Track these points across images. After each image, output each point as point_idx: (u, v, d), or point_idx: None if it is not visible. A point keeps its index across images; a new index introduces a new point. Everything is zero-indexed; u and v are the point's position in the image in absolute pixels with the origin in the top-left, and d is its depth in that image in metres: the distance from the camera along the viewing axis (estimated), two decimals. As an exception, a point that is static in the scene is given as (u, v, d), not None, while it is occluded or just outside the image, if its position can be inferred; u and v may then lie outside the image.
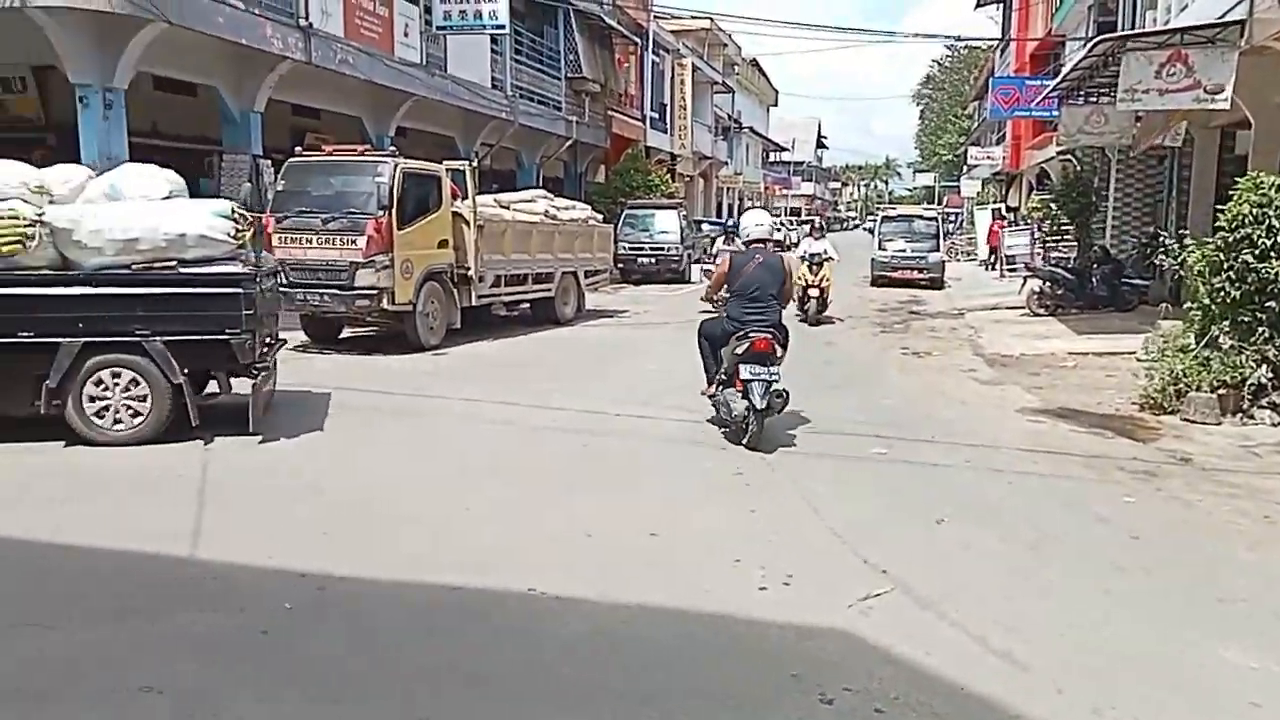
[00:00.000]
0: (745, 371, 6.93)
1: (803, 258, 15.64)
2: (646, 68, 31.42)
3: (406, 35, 16.87)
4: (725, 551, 4.82)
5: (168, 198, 7.18)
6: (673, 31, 35.32)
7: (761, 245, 7.69)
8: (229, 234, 6.88)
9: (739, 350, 6.99)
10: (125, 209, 6.92)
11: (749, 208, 22.74)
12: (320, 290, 11.21)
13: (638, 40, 30.47)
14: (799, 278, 13.01)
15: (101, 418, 6.74)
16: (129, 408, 6.76)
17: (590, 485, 6.09)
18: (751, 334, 7.00)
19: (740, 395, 6.97)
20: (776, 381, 6.97)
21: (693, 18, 35.71)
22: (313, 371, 10.18)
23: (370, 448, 7.07)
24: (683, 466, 6.56)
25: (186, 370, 6.79)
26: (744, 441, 6.92)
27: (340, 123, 17.70)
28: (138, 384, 6.73)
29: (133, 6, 10.82)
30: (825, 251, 15.77)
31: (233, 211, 7.00)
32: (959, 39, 60.45)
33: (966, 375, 10.74)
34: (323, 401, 8.38)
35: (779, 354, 7.15)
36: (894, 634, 3.89)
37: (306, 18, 13.80)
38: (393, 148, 12.05)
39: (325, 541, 4.91)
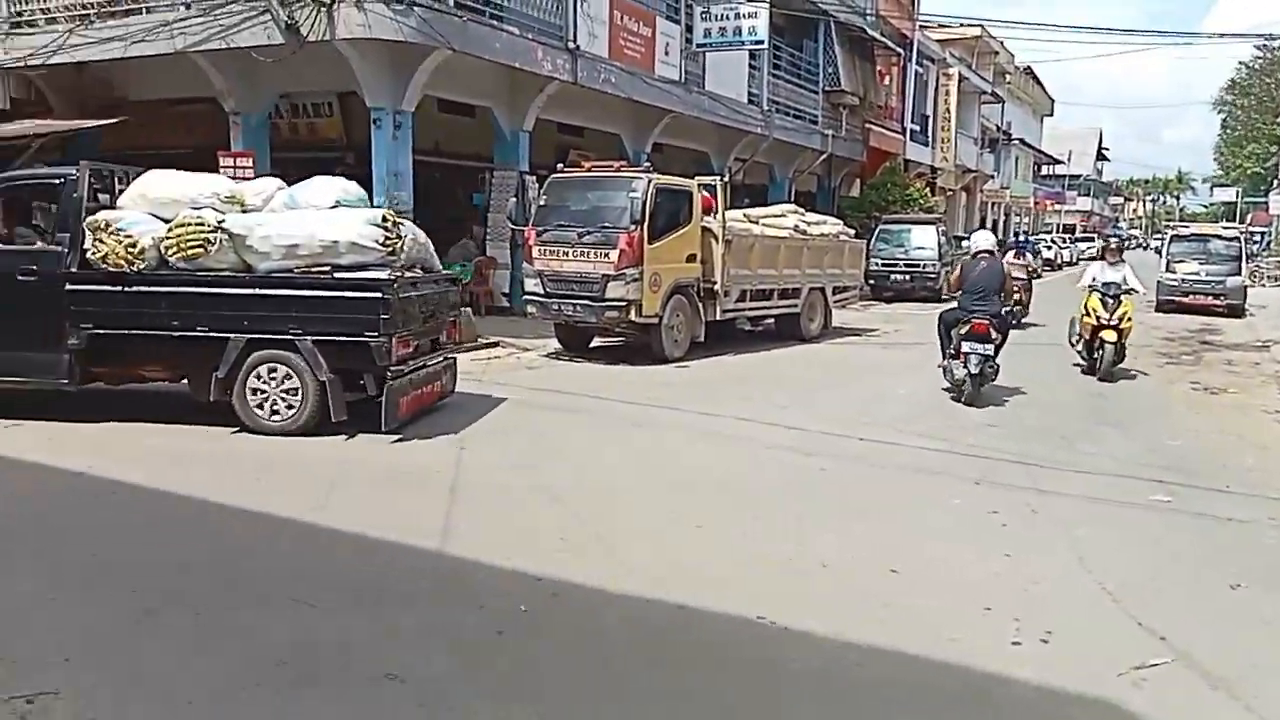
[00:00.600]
0: (965, 346, 9.34)
1: (1091, 287, 11.56)
2: (909, 79, 30.37)
3: (667, 54, 17.27)
4: (974, 597, 4.43)
5: (334, 206, 7.57)
6: (939, 40, 33.93)
7: (987, 254, 9.96)
8: (378, 242, 7.15)
9: (963, 331, 9.42)
10: (290, 217, 7.45)
11: (977, 229, 21.24)
12: (573, 301, 11.65)
13: (900, 51, 29.52)
14: (1088, 315, 11.42)
15: (261, 408, 7.33)
16: (285, 400, 7.30)
17: (827, 512, 5.84)
18: (974, 319, 9.34)
19: (961, 365, 9.38)
20: (991, 358, 9.32)
21: (961, 25, 34.14)
22: (560, 377, 10.58)
23: (607, 456, 7.21)
24: (929, 499, 6.15)
25: (334, 368, 7.20)
26: (963, 399, 9.33)
27: (601, 140, 18.41)
28: (290, 379, 7.25)
29: (422, 36, 11.78)
30: (1124, 281, 11.56)
31: (384, 220, 7.28)
32: (1271, 37, 53.60)
33: (1271, 417, 9.39)
34: (556, 406, 8.66)
35: (994, 336, 9.37)
36: (1173, 714, 3.38)
37: (575, 40, 14.46)
38: (648, 163, 12.31)
39: (561, 548, 5.00)
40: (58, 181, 7.82)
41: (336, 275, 7.20)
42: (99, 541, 4.95)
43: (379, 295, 7.05)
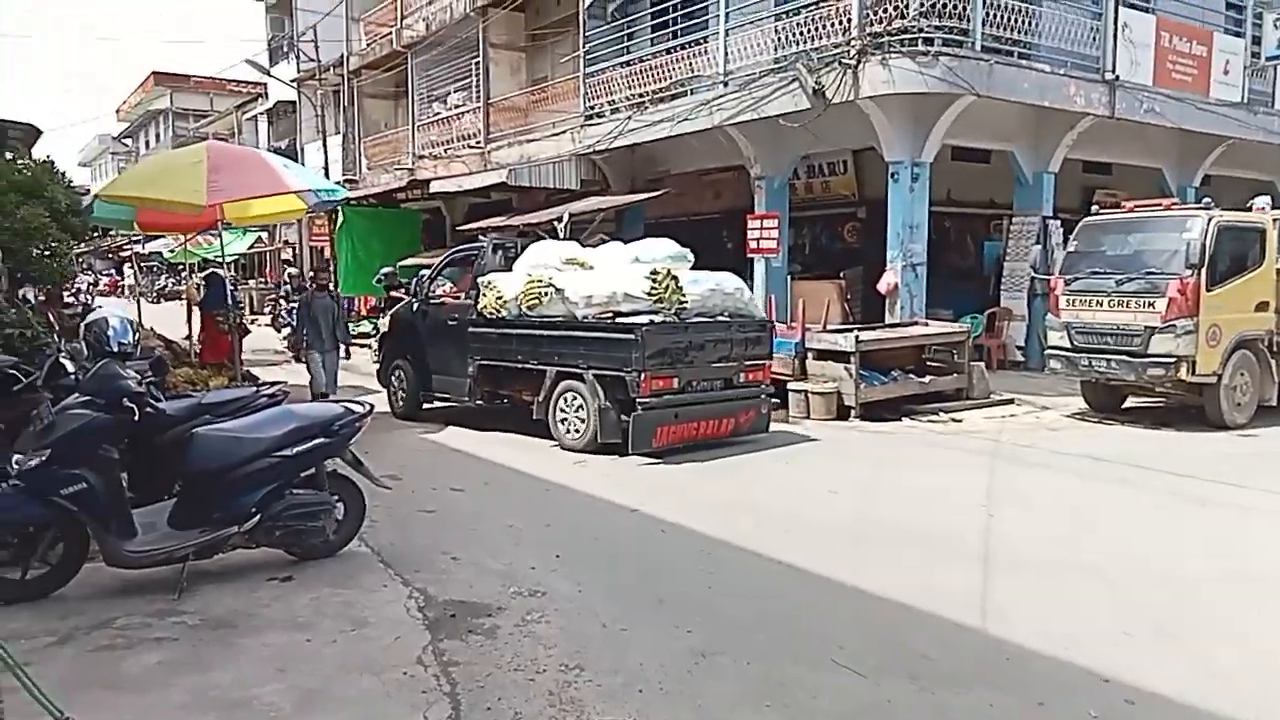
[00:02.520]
0: None
1: None
2: None
3: (1226, 73, 15.02)
4: None
5: (634, 262, 9.10)
6: None
7: None
8: (646, 292, 8.54)
9: None
10: (593, 274, 9.20)
11: None
12: (1107, 356, 10.46)
13: None
14: None
15: (564, 426, 9.07)
16: (578, 421, 8.91)
17: None
18: None
19: None
20: None
21: None
22: (1088, 441, 9.54)
23: (1159, 536, 6.25)
24: None
25: (608, 398, 8.59)
26: None
27: (1133, 175, 16.53)
28: (580, 404, 8.86)
29: (946, 85, 11.60)
30: None
31: (654, 274, 8.58)
32: None
33: None
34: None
35: None
36: None
37: (1114, 70, 13.21)
38: (1207, 200, 10.69)
39: (1124, 642, 4.39)
40: (475, 253, 10.89)
41: (614, 320, 8.66)
42: (657, 574, 5.42)
43: (631, 337, 8.40)
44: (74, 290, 25.10)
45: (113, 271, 42.53)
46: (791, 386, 11.35)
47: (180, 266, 30.53)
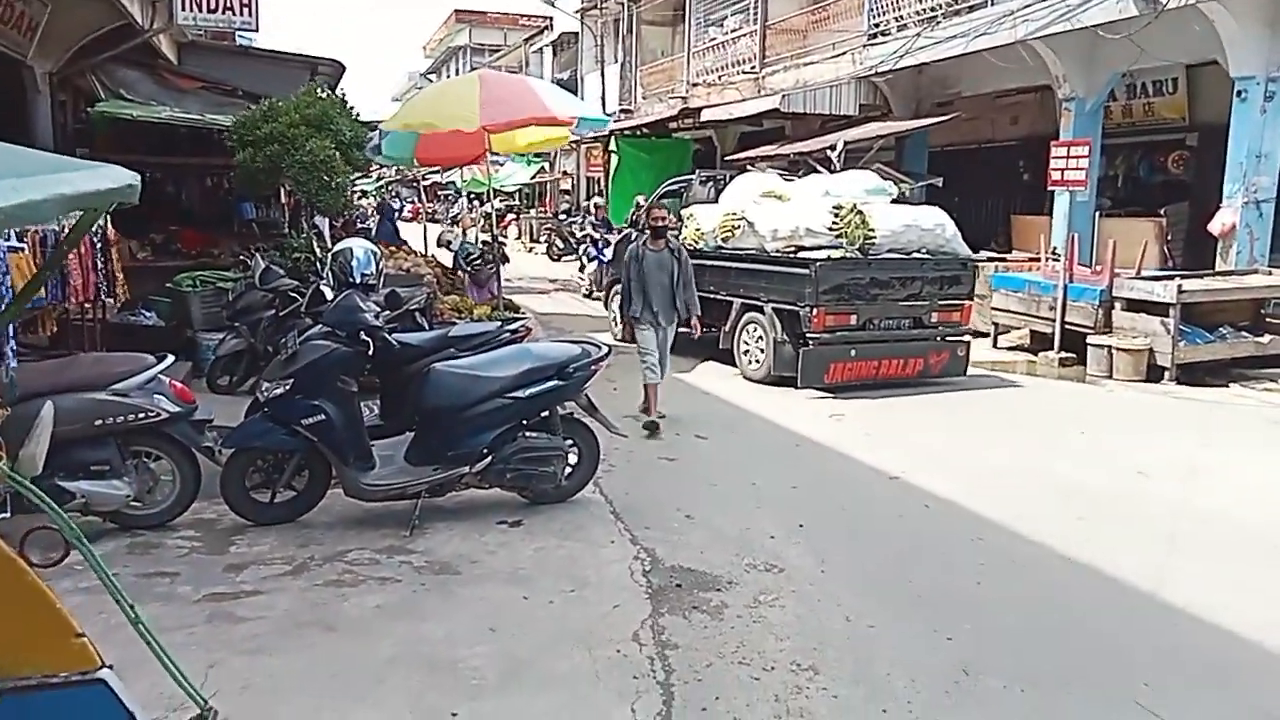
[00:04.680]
0: None
1: None
2: None
3: None
4: None
5: (825, 195, 9.08)
6: None
7: None
8: (828, 227, 8.47)
9: None
10: (781, 207, 9.21)
11: None
12: None
13: None
14: None
15: (746, 357, 9.27)
16: (759, 352, 9.09)
17: None
18: None
19: None
20: None
21: None
22: None
23: None
24: None
25: (786, 331, 8.62)
26: None
27: None
28: (760, 336, 9.04)
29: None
30: None
31: (836, 209, 8.51)
32: None
33: None
34: None
35: None
36: None
37: None
38: None
39: None
40: (683, 185, 11.31)
41: (795, 254, 8.61)
42: (915, 560, 4.71)
43: (806, 271, 8.35)
44: (363, 219, 27.34)
45: (415, 199, 46.23)
46: (1092, 340, 9.92)
47: (471, 195, 32.46)
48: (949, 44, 13.73)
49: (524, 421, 5.02)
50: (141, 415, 4.46)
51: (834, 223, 8.51)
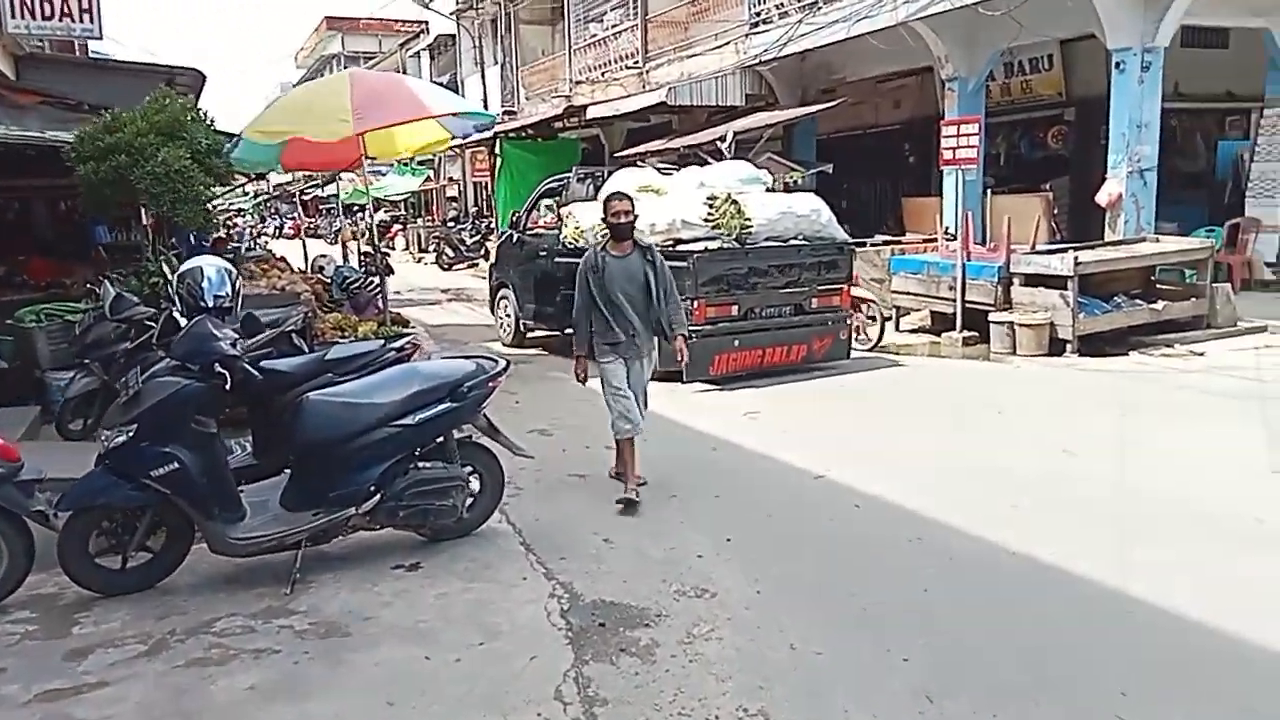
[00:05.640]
0: None
1: None
2: None
3: None
4: None
5: (699, 188, 8.92)
6: None
7: None
8: (703, 219, 8.39)
9: None
10: (657, 201, 8.82)
11: None
12: None
13: None
14: None
15: None
16: None
17: None
18: None
19: None
20: None
21: None
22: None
23: None
24: None
25: None
26: None
27: None
28: None
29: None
30: None
31: (710, 199, 8.50)
32: None
33: None
34: None
35: None
36: None
37: None
38: None
39: None
40: (561, 184, 10.87)
41: (673, 248, 8.22)
42: (854, 569, 4.35)
43: (685, 265, 8.11)
44: (237, 235, 25.97)
45: (295, 215, 44.38)
46: (993, 318, 9.88)
47: (354, 208, 31.17)
48: (831, 29, 13.65)
49: (416, 451, 4.46)
50: (-50, 482, 3.75)
51: (709, 213, 8.44)
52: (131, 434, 3.91)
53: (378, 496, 4.32)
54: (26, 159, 10.42)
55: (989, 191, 12.35)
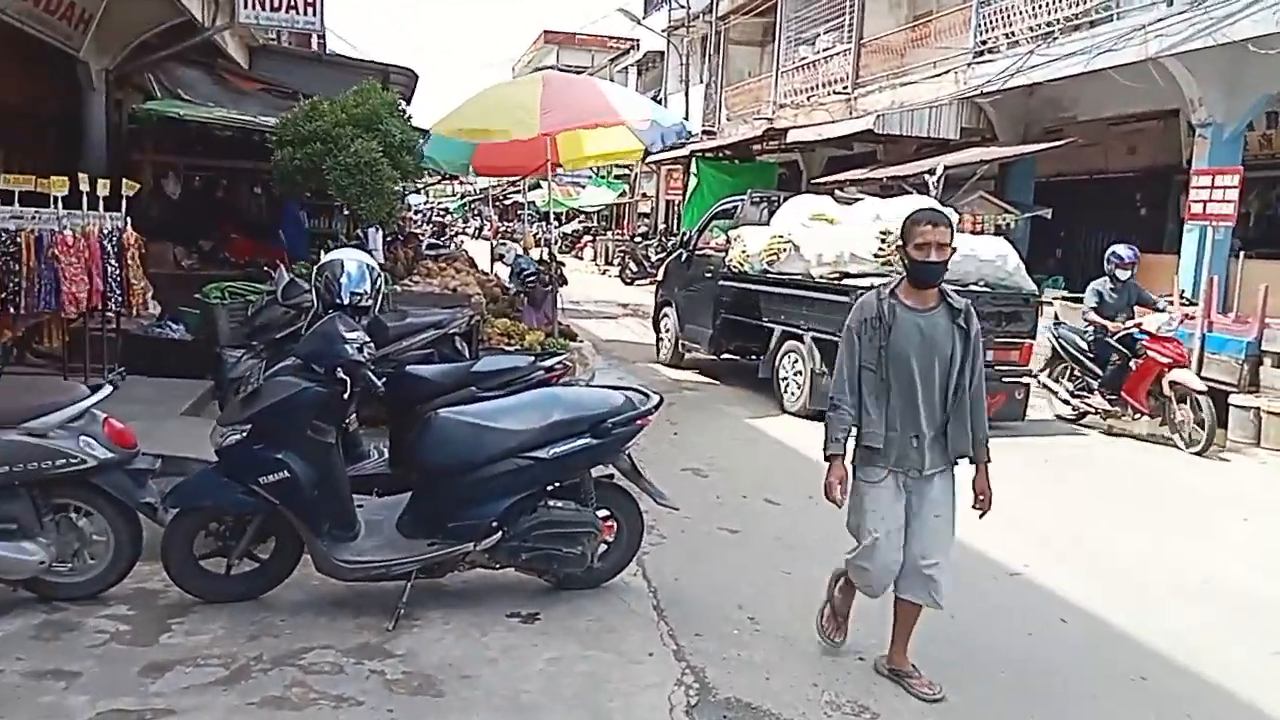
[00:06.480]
0: None
1: None
2: None
3: None
4: None
5: (875, 220, 8.20)
6: None
7: None
8: (873, 253, 7.89)
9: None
10: (828, 231, 8.60)
11: None
12: None
13: None
14: None
15: (785, 390, 8.76)
16: (796, 384, 8.60)
17: None
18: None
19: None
20: None
21: None
22: None
23: None
24: None
25: (825, 361, 7.98)
26: None
27: None
28: (800, 369, 8.55)
29: None
30: None
31: (882, 234, 7.77)
32: None
33: None
34: None
35: None
36: None
37: None
38: None
39: None
40: (734, 206, 10.54)
41: (839, 281, 8.09)
42: (1042, 703, 3.48)
43: (846, 300, 7.44)
44: (435, 231, 26.76)
45: (494, 217, 45.94)
46: (1234, 401, 8.48)
47: (552, 215, 31.83)
48: (1066, 62, 12.40)
49: (547, 488, 3.96)
50: (63, 462, 3.54)
51: (880, 249, 7.89)
52: (245, 434, 3.60)
53: (500, 534, 3.84)
54: (241, 142, 10.87)
55: (1236, 254, 10.80)
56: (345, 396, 3.63)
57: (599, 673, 3.48)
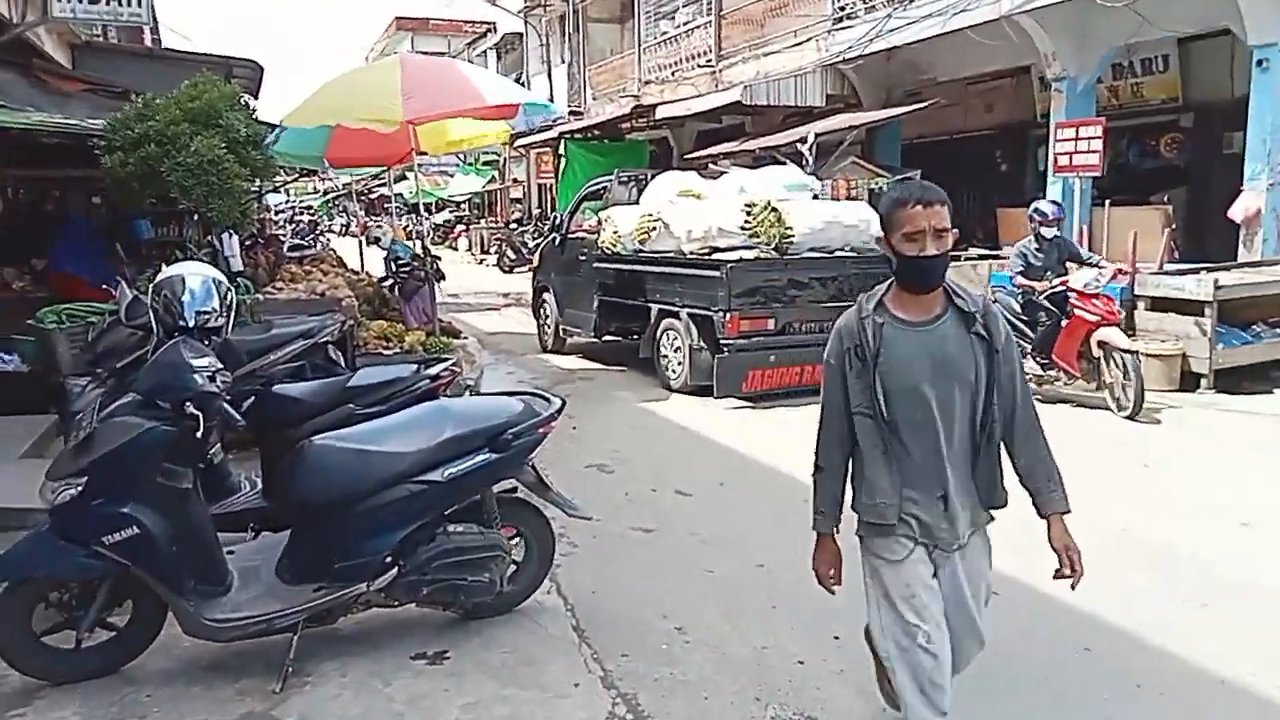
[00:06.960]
0: None
1: None
2: None
3: None
4: None
5: (740, 193, 8.58)
6: None
7: None
8: (740, 226, 7.92)
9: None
10: (694, 207, 8.64)
11: None
12: None
13: None
14: None
15: (664, 364, 8.76)
16: (676, 361, 8.57)
17: None
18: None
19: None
20: None
21: None
22: None
23: None
24: None
25: (701, 337, 8.16)
26: None
27: None
28: (677, 344, 8.51)
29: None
30: None
31: (748, 206, 8.02)
32: None
33: None
34: None
35: None
36: None
37: None
38: None
39: None
40: (603, 187, 10.45)
41: (709, 256, 8.10)
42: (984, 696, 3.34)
43: (717, 274, 7.86)
44: (297, 232, 25.56)
45: (361, 213, 44.23)
46: (1114, 346, 8.69)
47: (421, 207, 30.78)
48: (924, 23, 12.54)
49: (445, 512, 3.57)
50: None
51: (747, 221, 8.00)
52: (81, 488, 3.08)
53: (396, 569, 3.44)
54: (72, 148, 9.89)
55: (1106, 203, 11.14)
56: (198, 434, 3.14)
57: (521, 714, 3.13)
